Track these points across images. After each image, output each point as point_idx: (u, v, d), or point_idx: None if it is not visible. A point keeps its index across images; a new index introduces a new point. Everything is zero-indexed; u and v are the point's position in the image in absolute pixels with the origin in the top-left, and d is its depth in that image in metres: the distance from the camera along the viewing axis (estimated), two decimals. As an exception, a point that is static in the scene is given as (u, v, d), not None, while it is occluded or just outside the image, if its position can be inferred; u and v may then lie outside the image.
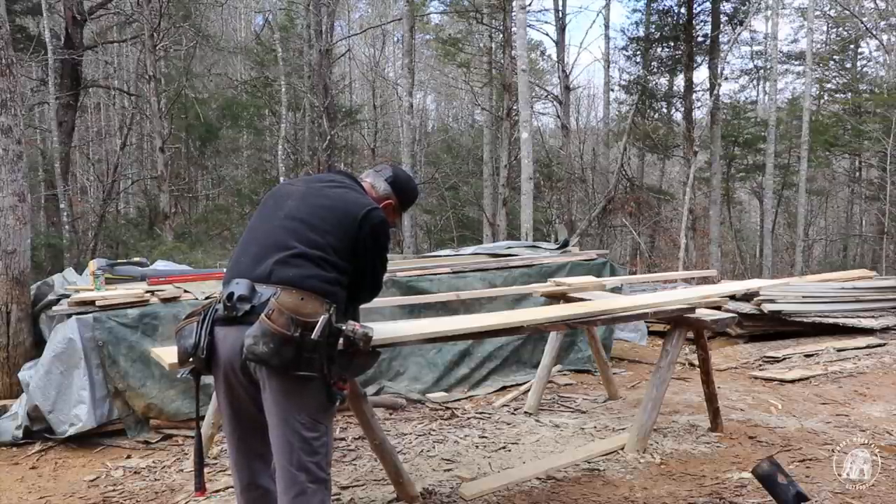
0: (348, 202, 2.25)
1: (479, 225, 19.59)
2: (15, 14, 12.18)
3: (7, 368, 4.66)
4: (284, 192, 2.31)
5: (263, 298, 2.03)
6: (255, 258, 2.14)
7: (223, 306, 2.05)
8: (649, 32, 17.08)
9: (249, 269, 2.12)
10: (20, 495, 3.42)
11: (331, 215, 2.19)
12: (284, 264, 2.10)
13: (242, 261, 2.17)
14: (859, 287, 7.64)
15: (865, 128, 17.38)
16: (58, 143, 11.28)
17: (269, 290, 2.04)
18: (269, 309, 1.99)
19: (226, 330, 2.05)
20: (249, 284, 2.07)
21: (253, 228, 2.25)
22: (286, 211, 2.22)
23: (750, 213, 26.94)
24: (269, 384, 2.04)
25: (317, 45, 15.50)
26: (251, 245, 2.19)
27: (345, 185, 2.33)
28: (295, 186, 2.32)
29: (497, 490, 3.31)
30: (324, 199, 2.24)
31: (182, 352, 2.08)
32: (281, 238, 2.15)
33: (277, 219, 2.20)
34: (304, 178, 2.41)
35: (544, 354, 4.86)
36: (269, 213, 2.25)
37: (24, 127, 5.05)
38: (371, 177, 2.48)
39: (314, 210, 2.20)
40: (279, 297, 2.02)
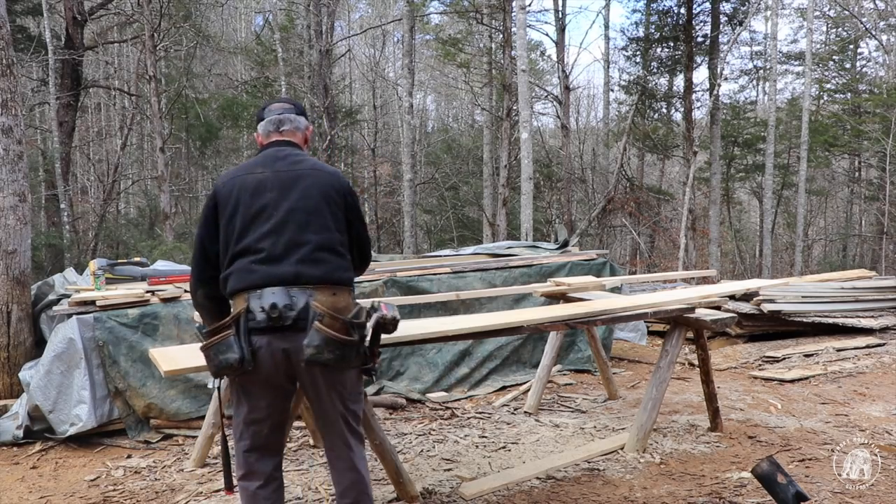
0: (323, 177, 2.30)
1: (479, 225, 19.60)
2: (15, 14, 12.19)
3: (8, 368, 4.67)
4: (253, 182, 2.24)
5: (302, 303, 2.11)
6: (272, 259, 2.15)
7: (267, 317, 2.09)
8: (649, 33, 17.09)
9: (272, 273, 2.14)
10: (21, 495, 3.43)
11: (321, 197, 2.25)
12: (308, 262, 2.16)
13: (257, 266, 2.15)
14: (859, 287, 7.64)
15: (865, 128, 17.39)
16: (58, 144, 11.29)
17: (304, 293, 2.13)
18: (318, 315, 2.10)
19: (268, 338, 2.11)
20: (285, 291, 2.12)
21: (247, 229, 2.20)
22: (275, 203, 2.21)
23: (750, 213, 26.94)
24: (322, 378, 2.20)
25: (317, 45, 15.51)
26: (260, 246, 2.17)
27: (301, 156, 2.36)
28: (262, 174, 2.26)
29: (497, 490, 3.32)
30: (304, 181, 2.26)
31: (225, 366, 2.09)
32: (291, 234, 2.18)
33: (273, 214, 2.19)
34: (257, 163, 2.32)
35: (544, 354, 4.87)
36: (257, 208, 2.21)
37: (24, 127, 5.05)
38: (288, 125, 2.44)
39: (304, 195, 2.23)
40: (316, 299, 2.13)
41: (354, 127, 20.86)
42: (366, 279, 5.18)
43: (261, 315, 2.09)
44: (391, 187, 21.09)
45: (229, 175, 2.30)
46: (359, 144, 22.20)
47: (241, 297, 2.15)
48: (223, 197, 2.24)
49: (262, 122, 2.45)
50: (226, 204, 2.23)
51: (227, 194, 2.24)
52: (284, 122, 2.42)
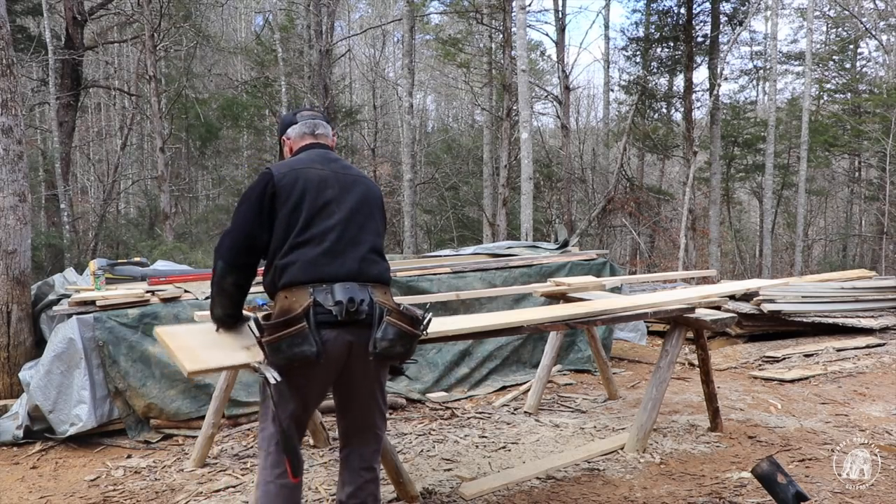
0: (372, 185, 2.47)
1: (479, 225, 19.60)
2: (15, 14, 12.19)
3: (8, 368, 4.67)
4: (317, 177, 2.31)
5: (369, 299, 2.20)
6: (336, 254, 2.22)
7: (344, 311, 2.13)
8: (649, 33, 17.09)
9: (338, 267, 2.21)
10: (21, 495, 3.43)
11: (374, 203, 2.41)
12: (368, 262, 2.28)
13: (324, 260, 2.20)
14: (859, 287, 7.65)
15: (865, 128, 17.39)
16: (58, 144, 11.29)
17: (366, 289, 2.22)
18: (386, 310, 2.21)
19: (338, 332, 2.15)
20: (357, 286, 2.20)
21: (311, 223, 2.23)
22: (338, 201, 2.30)
23: (750, 213, 26.95)
24: (374, 372, 2.31)
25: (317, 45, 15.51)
26: (324, 239, 2.22)
27: (346, 162, 2.48)
28: (323, 171, 2.34)
29: (497, 490, 3.32)
30: (359, 186, 2.39)
31: (300, 358, 2.09)
32: (352, 233, 2.29)
33: (336, 211, 2.28)
34: (313, 160, 2.38)
35: (544, 354, 4.87)
36: (322, 202, 2.27)
37: (24, 127, 5.05)
38: (322, 129, 2.56)
39: (361, 200, 2.36)
40: (377, 296, 2.23)
41: (354, 127, 20.87)
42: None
43: (336, 309, 2.13)
44: (391, 187, 21.09)
45: (287, 167, 2.32)
46: (359, 144, 22.20)
47: (304, 289, 2.15)
48: (285, 187, 2.25)
49: (296, 126, 2.54)
50: (288, 194, 2.24)
51: (289, 185, 2.25)
52: (318, 126, 2.55)
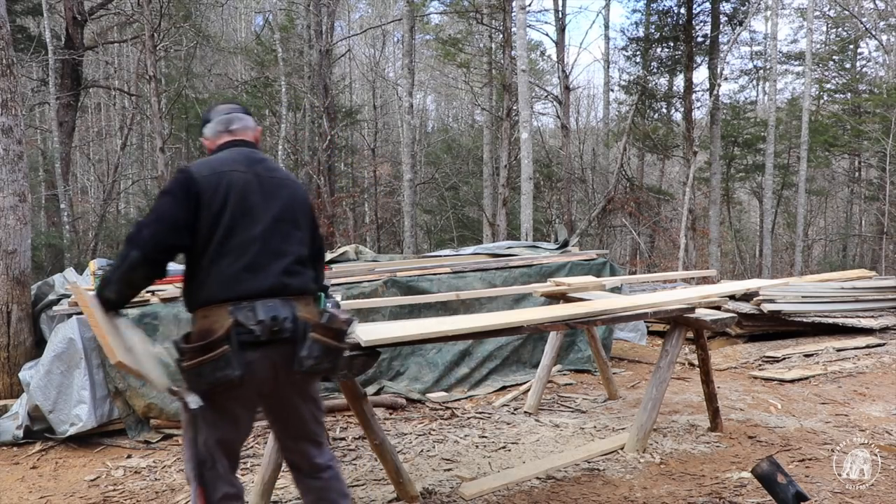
0: (298, 188, 2.31)
1: (479, 225, 19.60)
2: (15, 14, 12.19)
3: (8, 368, 4.67)
4: (241, 182, 2.15)
5: (292, 315, 2.09)
6: (258, 269, 2.10)
7: (267, 330, 2.03)
8: (649, 33, 17.09)
9: (260, 283, 2.08)
10: (21, 495, 3.43)
11: (299, 209, 2.26)
12: (291, 274, 2.15)
13: (245, 275, 2.07)
14: (859, 287, 7.65)
15: (865, 128, 17.39)
16: (58, 144, 11.29)
17: (289, 305, 2.10)
18: (309, 325, 2.11)
19: (262, 352, 2.05)
20: (279, 303, 2.08)
21: (232, 232, 2.09)
22: (262, 209, 2.15)
23: (750, 213, 26.95)
24: (302, 387, 2.22)
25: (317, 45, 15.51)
26: (245, 251, 2.10)
27: (273, 162, 2.33)
28: (246, 175, 2.17)
29: (497, 490, 3.32)
30: (285, 191, 2.23)
31: (224, 382, 2.00)
32: (276, 244, 2.15)
33: (259, 220, 2.14)
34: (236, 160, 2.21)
35: (544, 354, 4.87)
36: (244, 211, 2.12)
37: (24, 127, 5.05)
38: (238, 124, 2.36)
39: (286, 206, 2.21)
40: (300, 311, 2.12)
41: (354, 127, 20.87)
42: (366, 279, 5.18)
43: (258, 328, 2.02)
44: (391, 187, 21.09)
45: (208, 168, 2.15)
46: (359, 144, 22.20)
47: (223, 308, 2.03)
48: (206, 190, 2.09)
49: (210, 124, 2.37)
50: (210, 199, 2.08)
51: (211, 188, 2.10)
52: (234, 121, 2.35)
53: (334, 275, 5.24)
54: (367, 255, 6.31)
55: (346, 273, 5.31)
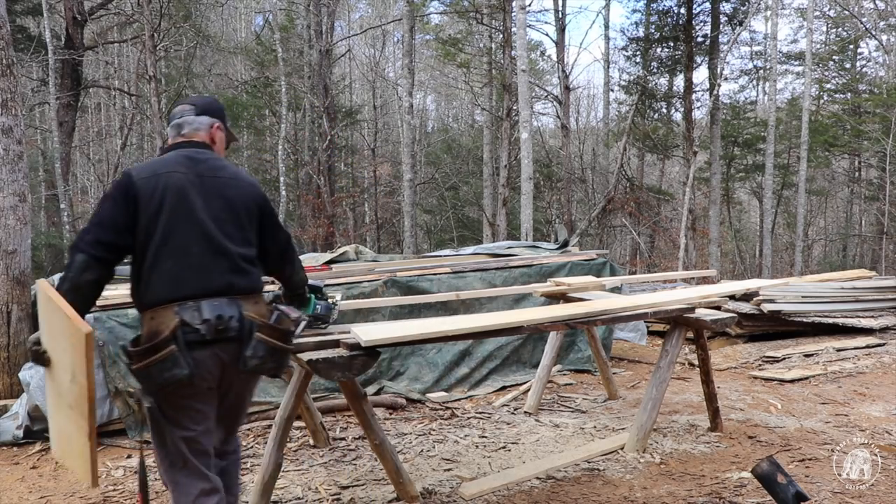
0: (244, 187, 2.30)
1: (479, 225, 19.60)
2: (15, 14, 12.19)
3: (8, 368, 4.67)
4: (178, 183, 2.16)
5: (238, 314, 2.13)
6: (202, 269, 2.13)
7: (212, 329, 2.07)
8: (649, 33, 17.09)
9: (205, 282, 2.12)
10: (21, 495, 3.43)
11: (243, 208, 2.26)
12: (237, 273, 2.18)
13: (186, 276, 2.10)
14: (859, 287, 7.65)
15: (865, 128, 17.39)
16: (58, 144, 11.29)
17: (235, 304, 2.14)
18: (256, 325, 2.15)
19: (210, 350, 2.09)
20: (224, 302, 2.11)
21: (171, 234, 2.12)
22: (202, 210, 2.17)
23: (750, 213, 26.95)
24: (248, 384, 2.32)
25: (317, 45, 15.51)
26: (186, 253, 2.12)
27: (220, 161, 2.32)
28: (186, 176, 2.19)
29: (497, 490, 3.32)
30: (228, 191, 2.25)
31: (172, 383, 2.03)
32: (219, 243, 2.17)
33: (200, 220, 2.16)
34: (178, 162, 2.22)
35: (544, 354, 4.87)
36: (183, 212, 2.14)
37: (24, 127, 5.05)
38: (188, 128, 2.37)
39: (228, 205, 2.23)
40: (246, 308, 2.16)
41: (354, 127, 20.87)
42: (366, 279, 5.18)
43: (204, 328, 2.05)
44: (391, 187, 21.09)
45: (148, 170, 2.17)
46: (359, 144, 22.21)
47: (169, 308, 2.06)
48: (145, 192, 2.12)
49: (170, 125, 2.42)
50: (148, 201, 2.11)
51: (149, 190, 2.12)
52: (185, 124, 2.37)
53: (334, 275, 5.23)
54: (367, 255, 6.30)
55: (346, 273, 5.31)
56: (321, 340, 2.88)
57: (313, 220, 16.51)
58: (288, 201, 16.54)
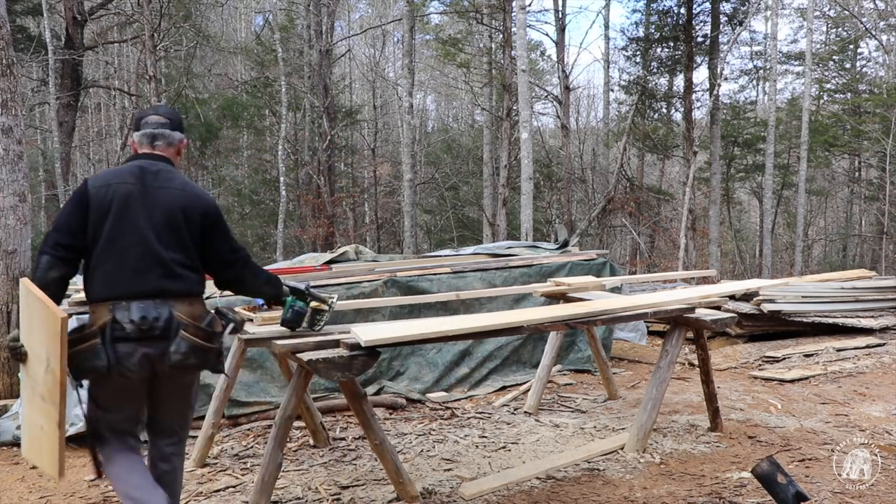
0: (188, 198, 2.44)
1: (479, 225, 19.60)
2: (15, 14, 12.19)
3: (8, 368, 4.67)
4: (125, 193, 2.36)
5: (166, 314, 2.32)
6: (137, 272, 2.32)
7: (136, 328, 2.27)
8: (649, 33, 17.09)
9: (139, 285, 2.31)
10: (21, 495, 3.43)
11: (183, 217, 2.41)
12: (170, 277, 2.36)
13: (122, 278, 2.31)
14: (859, 287, 7.65)
15: (865, 128, 17.39)
16: (58, 144, 11.29)
17: (166, 305, 2.33)
18: (182, 324, 2.34)
19: (134, 345, 2.28)
20: (152, 304, 2.31)
21: (114, 238, 2.32)
22: (144, 218, 2.36)
23: (750, 213, 26.95)
24: (180, 379, 2.48)
25: (317, 45, 15.51)
26: (124, 257, 2.33)
27: (171, 174, 2.48)
28: (134, 187, 2.38)
29: (497, 490, 3.32)
30: (172, 201, 2.40)
31: (91, 370, 2.28)
32: (157, 250, 2.35)
33: (138, 227, 2.35)
34: (131, 173, 2.42)
35: (544, 354, 4.87)
36: (127, 220, 2.34)
37: (24, 127, 5.05)
38: (162, 141, 2.54)
39: (169, 215, 2.39)
40: (178, 309, 2.35)
41: (354, 127, 20.87)
42: (366, 279, 5.18)
43: (130, 326, 2.26)
44: (391, 187, 21.09)
45: (102, 180, 2.39)
46: (359, 144, 22.21)
47: (105, 306, 2.28)
48: (95, 200, 2.34)
49: (138, 133, 2.54)
50: (98, 208, 2.33)
51: (100, 198, 2.34)
52: (159, 137, 2.53)
53: (334, 275, 5.23)
54: (367, 255, 6.30)
55: (346, 273, 5.31)
56: (321, 340, 2.88)
57: (313, 220, 16.52)
58: (288, 201, 16.54)
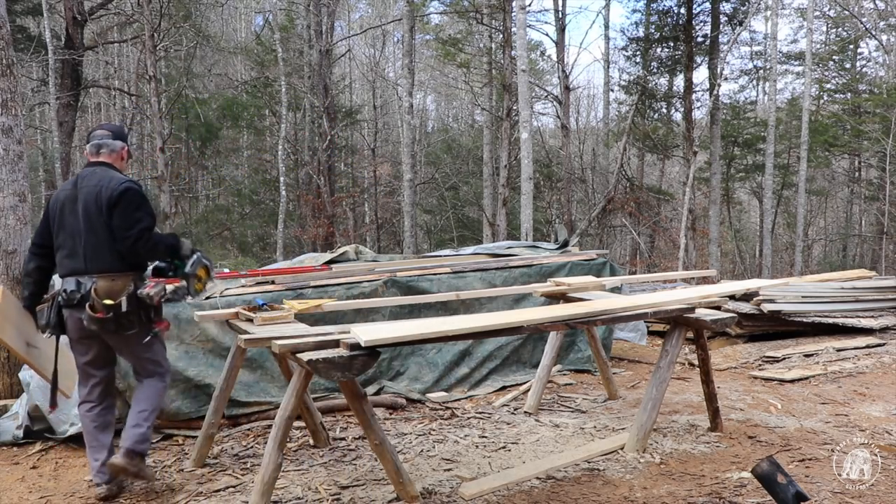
0: (101, 190, 3.14)
1: (479, 225, 19.60)
2: (15, 14, 12.20)
3: (8, 368, 4.67)
4: (62, 198, 3.22)
5: (86, 288, 3.12)
6: (73, 257, 3.16)
7: (66, 297, 3.13)
8: (649, 33, 17.09)
9: (74, 266, 3.16)
10: (21, 495, 3.43)
11: (96, 207, 3.13)
12: (91, 259, 3.14)
13: (64, 261, 3.20)
14: (859, 287, 7.64)
15: (865, 128, 17.40)
16: (58, 144, 11.30)
17: (91, 280, 3.13)
18: (90, 298, 3.09)
19: (69, 311, 3.18)
20: (76, 280, 3.14)
21: (59, 233, 3.21)
22: (71, 214, 3.17)
23: (750, 213, 26.95)
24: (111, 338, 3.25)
25: (317, 45, 15.52)
26: (64, 246, 3.19)
27: (101, 173, 3.22)
28: (70, 192, 3.21)
29: (497, 490, 3.32)
30: (92, 196, 3.14)
31: (47, 326, 3.29)
32: (83, 238, 3.14)
33: (71, 222, 3.17)
34: (72, 181, 3.28)
35: (544, 354, 4.87)
36: (64, 219, 3.19)
37: (24, 127, 5.05)
38: (105, 150, 3.31)
39: (87, 208, 3.13)
40: (98, 284, 3.12)
41: (354, 127, 20.88)
42: (366, 279, 5.18)
43: (63, 296, 3.15)
44: (391, 187, 21.10)
45: (57, 191, 3.32)
46: (359, 144, 22.21)
47: (59, 281, 3.23)
48: (52, 207, 3.26)
49: (88, 144, 3.34)
50: (52, 212, 3.25)
51: (52, 205, 3.26)
52: (102, 146, 3.31)
53: (334, 275, 5.23)
54: (367, 255, 6.30)
55: (346, 273, 5.31)
56: (321, 340, 2.88)
57: (313, 220, 16.52)
58: (288, 201, 16.54)
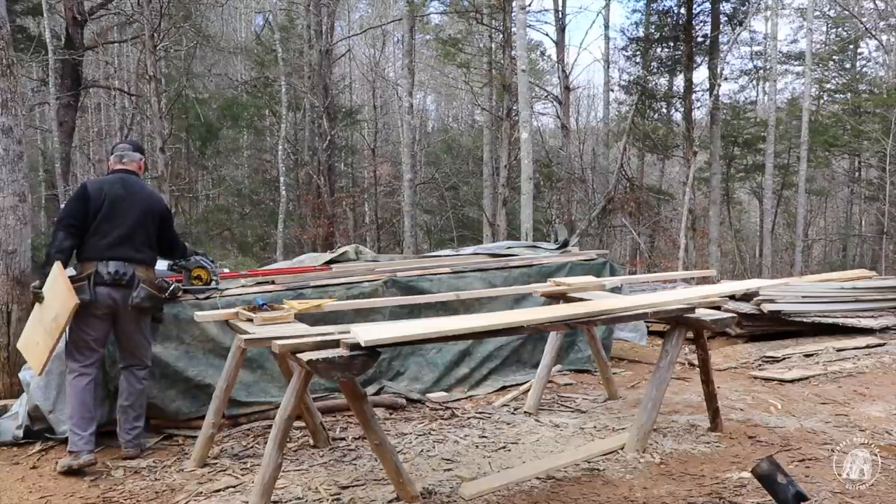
0: (152, 201, 4.00)
1: (479, 225, 19.60)
2: (15, 14, 12.19)
3: (8, 368, 4.67)
4: (115, 193, 3.81)
5: (131, 272, 3.74)
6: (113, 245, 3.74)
7: (112, 277, 3.70)
8: (649, 33, 17.08)
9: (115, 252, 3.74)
10: (21, 495, 3.43)
11: (148, 213, 3.89)
12: (136, 251, 3.80)
13: (104, 246, 3.75)
14: (859, 287, 7.64)
15: (865, 128, 17.40)
16: (58, 144, 11.28)
17: (131, 266, 3.75)
18: (140, 279, 3.77)
19: (107, 289, 3.71)
20: (123, 264, 3.72)
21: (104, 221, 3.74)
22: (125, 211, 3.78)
23: (750, 213, 26.95)
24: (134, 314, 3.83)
25: (317, 45, 15.52)
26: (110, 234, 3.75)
27: (141, 184, 4.02)
28: (121, 190, 3.83)
29: (497, 490, 3.32)
30: (143, 202, 3.87)
31: (81, 300, 3.55)
32: (129, 232, 3.78)
33: (122, 217, 3.77)
34: (117, 181, 3.90)
35: (544, 354, 4.87)
36: (115, 211, 3.77)
37: (24, 127, 5.05)
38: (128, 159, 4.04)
39: (140, 210, 3.84)
40: (138, 270, 3.78)
41: (354, 127, 20.87)
42: (366, 279, 5.17)
43: (106, 275, 3.68)
44: (391, 187, 21.09)
45: (98, 183, 3.87)
46: (359, 144, 22.21)
47: (92, 263, 3.70)
48: (94, 194, 3.77)
49: (113, 155, 4.08)
50: (95, 199, 3.74)
51: (97, 193, 3.77)
52: (125, 156, 4.05)
53: (334, 275, 5.23)
54: (367, 255, 6.29)
55: (346, 273, 5.30)
56: (321, 340, 2.88)
57: (313, 220, 16.52)
58: (288, 201, 16.54)
